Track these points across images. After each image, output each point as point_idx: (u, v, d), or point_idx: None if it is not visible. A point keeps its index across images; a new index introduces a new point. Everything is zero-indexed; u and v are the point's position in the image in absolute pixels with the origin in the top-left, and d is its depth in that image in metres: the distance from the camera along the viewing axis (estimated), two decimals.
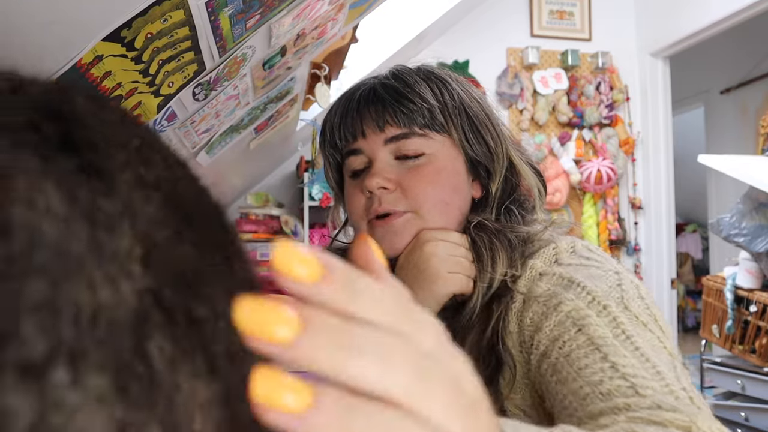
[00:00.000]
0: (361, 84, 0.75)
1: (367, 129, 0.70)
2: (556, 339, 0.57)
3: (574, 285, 0.60)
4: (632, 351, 0.52)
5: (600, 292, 0.58)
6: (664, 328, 0.57)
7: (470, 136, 0.71)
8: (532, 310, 0.63)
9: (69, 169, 0.17)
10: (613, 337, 0.53)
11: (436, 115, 0.70)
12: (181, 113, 0.96)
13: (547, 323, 0.59)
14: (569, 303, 0.58)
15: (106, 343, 0.15)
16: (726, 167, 2.37)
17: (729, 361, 2.26)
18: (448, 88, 0.72)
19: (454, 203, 0.71)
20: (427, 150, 0.70)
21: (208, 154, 1.42)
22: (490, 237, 0.69)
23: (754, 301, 2.10)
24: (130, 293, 0.16)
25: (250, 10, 0.76)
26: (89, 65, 0.57)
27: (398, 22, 2.75)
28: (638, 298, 0.58)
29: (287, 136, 2.48)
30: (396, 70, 0.73)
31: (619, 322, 0.54)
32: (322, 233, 3.09)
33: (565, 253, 0.68)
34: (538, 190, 0.76)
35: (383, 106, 0.69)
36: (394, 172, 0.70)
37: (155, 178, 0.20)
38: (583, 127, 3.54)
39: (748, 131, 3.86)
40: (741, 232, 2.14)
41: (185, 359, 0.17)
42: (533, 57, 3.45)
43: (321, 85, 1.84)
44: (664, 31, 3.43)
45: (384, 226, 0.70)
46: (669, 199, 3.58)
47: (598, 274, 0.62)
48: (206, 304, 0.19)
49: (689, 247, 5.10)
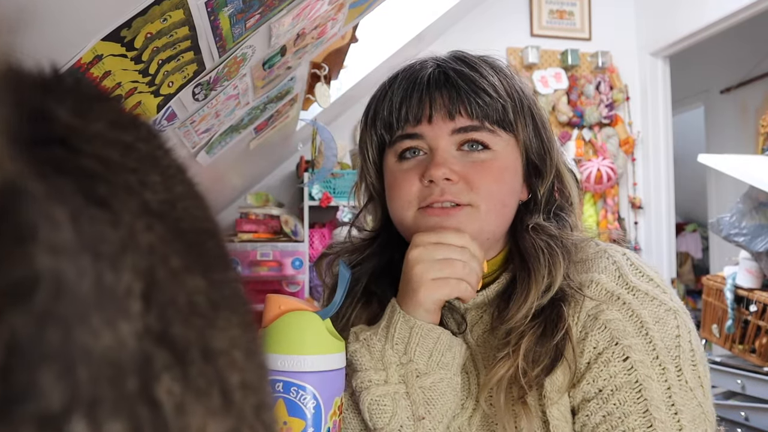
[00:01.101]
0: (422, 64, 0.70)
1: (436, 115, 0.66)
2: (618, 389, 0.63)
3: (643, 329, 0.64)
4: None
5: (662, 346, 0.63)
6: (705, 386, 0.64)
7: (533, 138, 0.70)
8: (599, 336, 0.65)
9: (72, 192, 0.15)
10: (665, 408, 0.61)
11: (508, 113, 0.67)
12: (181, 113, 0.96)
13: (613, 363, 0.63)
14: (637, 353, 0.63)
15: (115, 391, 0.14)
16: (726, 167, 2.37)
17: (729, 360, 2.26)
18: (517, 84, 0.69)
19: (509, 205, 0.69)
20: (493, 146, 0.67)
21: (208, 154, 1.42)
22: (548, 241, 0.68)
23: (754, 301, 2.10)
24: (129, 335, 0.15)
25: (250, 10, 0.76)
26: (89, 65, 0.57)
27: (398, 22, 2.75)
28: (690, 352, 0.64)
29: (287, 136, 2.48)
30: (464, 55, 0.69)
31: (673, 392, 0.62)
32: (322, 233, 3.09)
33: (627, 267, 0.68)
34: (576, 195, 0.75)
35: (458, 94, 0.65)
36: (458, 163, 0.67)
37: (157, 203, 0.18)
38: (583, 127, 3.54)
39: (748, 131, 3.86)
40: (741, 232, 2.14)
41: (200, 399, 0.16)
42: (533, 56, 3.45)
43: (321, 85, 1.84)
44: (664, 31, 3.43)
45: (442, 216, 0.67)
46: (669, 199, 3.58)
47: (661, 315, 0.65)
48: (223, 334, 0.18)
49: (689, 247, 5.09)
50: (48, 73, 0.19)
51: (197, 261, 0.19)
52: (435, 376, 0.65)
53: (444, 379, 0.66)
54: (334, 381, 0.61)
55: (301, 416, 0.58)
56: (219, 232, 0.22)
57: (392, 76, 0.72)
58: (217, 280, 0.20)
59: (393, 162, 0.71)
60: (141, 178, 0.19)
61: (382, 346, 0.66)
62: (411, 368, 0.65)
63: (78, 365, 0.13)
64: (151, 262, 0.16)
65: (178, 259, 0.18)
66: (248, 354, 0.19)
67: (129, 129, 0.20)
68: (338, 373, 0.61)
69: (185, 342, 0.17)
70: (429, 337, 0.66)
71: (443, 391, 0.65)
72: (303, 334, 0.60)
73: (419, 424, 0.64)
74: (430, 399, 0.65)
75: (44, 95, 0.18)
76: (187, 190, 0.22)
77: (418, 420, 0.64)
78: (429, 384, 0.65)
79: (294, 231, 2.91)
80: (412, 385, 0.65)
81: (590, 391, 0.64)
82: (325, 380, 0.59)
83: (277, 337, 0.59)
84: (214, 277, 0.20)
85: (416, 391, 0.65)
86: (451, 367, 0.67)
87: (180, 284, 0.17)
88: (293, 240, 2.87)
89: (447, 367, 0.66)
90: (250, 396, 0.19)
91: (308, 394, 0.58)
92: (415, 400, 0.65)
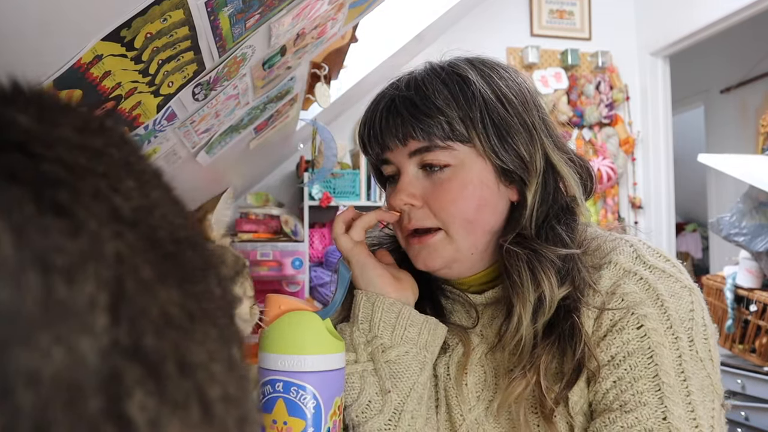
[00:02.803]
0: (385, 92, 0.73)
1: (390, 143, 0.69)
2: (630, 355, 0.64)
3: (659, 300, 0.65)
4: (684, 397, 0.62)
5: (676, 317, 0.64)
6: (714, 360, 0.65)
7: (496, 145, 0.68)
8: (615, 309, 0.66)
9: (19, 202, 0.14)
10: (675, 375, 0.62)
11: (456, 126, 0.67)
12: (181, 113, 0.96)
13: (627, 330, 0.64)
14: (652, 321, 0.64)
15: (72, 413, 0.13)
16: (726, 166, 2.37)
17: (729, 360, 2.26)
18: (472, 91, 0.68)
19: (479, 219, 0.68)
20: (451, 161, 0.68)
21: (208, 154, 1.42)
22: (530, 254, 0.67)
23: (754, 301, 2.10)
24: (90, 351, 0.14)
25: (250, 10, 0.76)
26: (89, 65, 0.57)
27: (398, 22, 2.75)
28: (702, 327, 0.66)
29: (287, 135, 2.48)
30: (420, 77, 0.70)
31: (683, 360, 0.63)
32: (322, 233, 3.09)
33: (644, 249, 0.70)
34: (583, 188, 0.73)
35: (402, 121, 0.68)
36: (420, 186, 0.69)
37: (130, 209, 0.17)
38: (583, 127, 3.54)
39: (748, 130, 3.86)
40: (741, 232, 2.14)
41: (177, 412, 0.16)
42: (533, 56, 3.45)
43: (321, 85, 1.84)
44: (664, 31, 3.43)
45: (418, 245, 0.70)
46: (669, 199, 3.58)
47: (677, 290, 0.66)
48: (201, 347, 0.18)
49: (689, 247, 5.09)
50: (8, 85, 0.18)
51: (173, 271, 0.18)
52: (399, 350, 0.68)
53: (409, 352, 0.68)
54: (334, 381, 0.61)
55: (301, 416, 0.58)
56: (201, 241, 0.21)
57: (367, 107, 0.75)
58: (195, 292, 0.19)
59: (388, 185, 0.75)
60: (112, 183, 0.17)
61: (351, 330, 0.70)
62: (377, 344, 0.68)
63: (18, 390, 0.12)
64: (119, 273, 0.15)
65: (150, 269, 0.17)
66: (229, 367, 0.18)
67: (99, 134, 0.19)
68: (338, 373, 0.61)
69: (159, 355, 0.16)
70: (390, 311, 0.69)
71: (408, 364, 0.67)
72: (303, 334, 0.60)
73: (386, 397, 0.66)
74: (395, 372, 0.67)
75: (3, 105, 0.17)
76: (166, 195, 0.21)
77: (384, 393, 0.66)
78: (394, 357, 0.67)
79: (294, 231, 2.91)
80: (378, 360, 0.67)
81: (603, 359, 0.65)
82: (326, 380, 0.59)
83: (277, 337, 0.60)
84: (192, 289, 0.19)
85: (382, 366, 0.67)
86: (416, 342, 0.68)
87: (152, 295, 0.16)
88: (293, 240, 2.87)
89: (412, 341, 0.68)
90: (233, 409, 0.19)
91: (308, 394, 0.58)
92: (382, 375, 0.67)
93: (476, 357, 0.75)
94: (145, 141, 0.90)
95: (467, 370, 0.74)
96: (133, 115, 0.76)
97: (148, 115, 0.80)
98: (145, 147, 0.95)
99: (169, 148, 1.12)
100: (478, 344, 0.75)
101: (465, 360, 0.74)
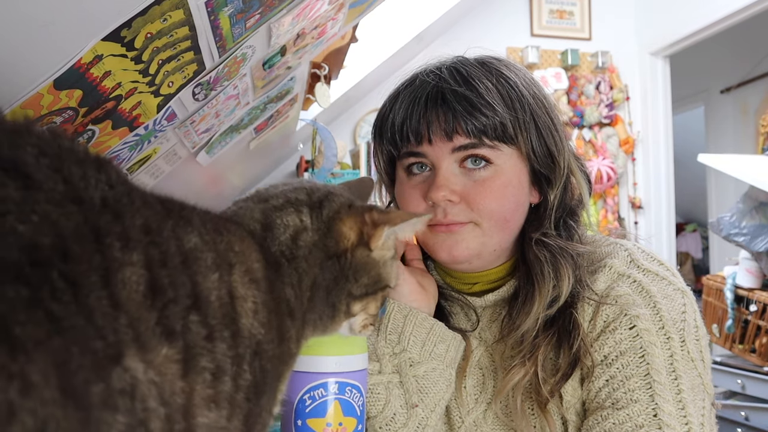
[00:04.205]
0: (423, 81, 0.70)
1: (434, 136, 0.67)
2: (622, 354, 0.64)
3: (651, 302, 0.66)
4: (675, 395, 0.62)
5: (669, 318, 0.65)
6: (705, 361, 0.66)
7: (537, 147, 0.69)
8: (609, 310, 0.66)
9: None
10: (666, 373, 0.63)
11: (507, 128, 0.67)
12: (181, 113, 0.96)
13: (620, 331, 0.65)
14: (644, 321, 0.64)
15: None
16: (726, 166, 2.37)
17: (729, 360, 2.26)
18: (518, 94, 0.68)
19: (513, 219, 0.70)
20: (495, 161, 0.68)
21: (208, 154, 1.42)
22: (553, 253, 0.68)
23: (754, 301, 2.10)
24: None
25: (250, 10, 0.76)
26: (89, 65, 0.57)
27: (398, 22, 2.75)
28: (694, 328, 0.66)
29: (287, 136, 2.48)
30: (465, 71, 0.68)
31: (675, 360, 0.63)
32: None
33: (639, 253, 0.70)
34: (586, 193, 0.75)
35: (454, 116, 0.66)
36: (460, 182, 0.68)
37: None
38: (583, 127, 3.54)
39: (748, 131, 3.86)
40: (741, 232, 2.14)
41: None
42: (533, 56, 3.45)
43: (321, 85, 1.84)
44: (664, 31, 3.43)
45: (446, 233, 0.69)
46: (669, 199, 3.58)
47: (669, 293, 0.67)
48: None
49: (689, 247, 5.10)
50: None
51: None
52: (428, 366, 0.67)
53: (437, 368, 0.68)
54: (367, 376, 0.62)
55: (353, 415, 0.58)
56: None
57: (394, 92, 0.73)
58: None
59: (402, 175, 0.73)
60: None
61: (375, 339, 0.69)
62: (404, 357, 0.67)
63: None
64: None
65: None
66: None
67: None
68: None
69: None
70: (422, 326, 0.68)
71: (436, 380, 0.67)
72: None
73: (412, 411, 0.66)
74: (423, 387, 0.67)
75: None
76: None
77: (411, 408, 0.66)
78: (422, 373, 0.67)
79: None
80: (406, 374, 0.67)
81: (597, 358, 0.66)
82: (365, 376, 0.61)
83: (328, 340, 0.56)
84: None
85: (410, 380, 0.67)
86: (443, 359, 0.68)
87: None
88: None
89: (440, 358, 0.68)
90: None
91: (358, 392, 0.58)
92: (409, 388, 0.67)
93: (474, 360, 0.75)
94: (145, 141, 0.90)
95: (466, 374, 0.74)
96: (133, 115, 0.76)
97: (148, 115, 0.80)
98: (146, 147, 0.95)
99: (169, 148, 1.12)
100: (476, 347, 0.75)
101: (464, 364, 0.74)
